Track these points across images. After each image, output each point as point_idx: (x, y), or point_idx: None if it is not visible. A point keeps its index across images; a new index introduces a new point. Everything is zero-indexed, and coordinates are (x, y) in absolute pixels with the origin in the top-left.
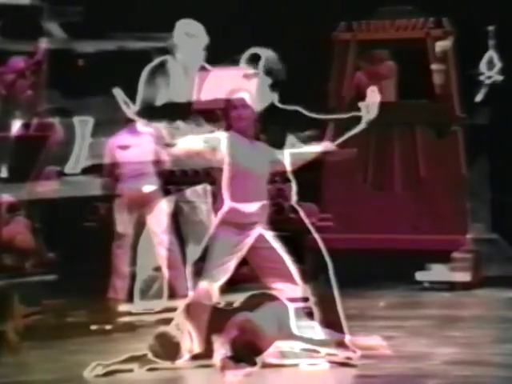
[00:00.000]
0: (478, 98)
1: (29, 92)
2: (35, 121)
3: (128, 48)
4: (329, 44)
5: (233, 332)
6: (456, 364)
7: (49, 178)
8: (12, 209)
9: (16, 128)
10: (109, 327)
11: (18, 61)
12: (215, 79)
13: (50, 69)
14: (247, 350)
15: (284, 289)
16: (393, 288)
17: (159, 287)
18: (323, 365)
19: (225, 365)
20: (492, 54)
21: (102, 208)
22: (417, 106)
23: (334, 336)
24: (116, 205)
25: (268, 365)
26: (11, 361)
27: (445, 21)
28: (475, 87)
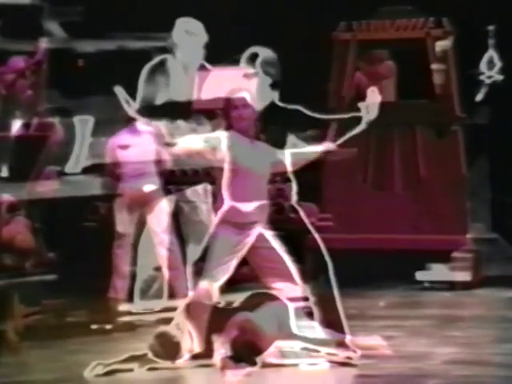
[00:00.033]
0: (478, 98)
1: (29, 92)
2: (35, 121)
3: (128, 48)
4: (329, 44)
5: (233, 332)
6: (456, 364)
7: (49, 178)
8: (12, 209)
9: (16, 128)
10: (109, 327)
11: (18, 61)
12: (215, 79)
13: (50, 69)
14: (247, 350)
15: (284, 288)
16: (393, 288)
17: (159, 287)
18: (323, 365)
19: (225, 365)
20: (492, 54)
21: (102, 208)
22: (417, 106)
23: (334, 336)
24: (117, 204)
25: (268, 365)
26: (11, 361)
27: (445, 21)
28: (475, 87)
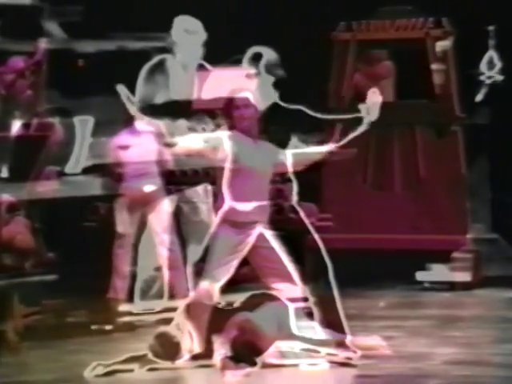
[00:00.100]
0: (478, 98)
1: (28, 92)
2: (35, 121)
3: (128, 48)
4: (328, 44)
5: (233, 332)
6: (456, 364)
7: (49, 178)
8: (12, 209)
9: (16, 128)
10: (109, 327)
11: (18, 61)
12: (216, 79)
13: (50, 69)
14: (247, 350)
15: (284, 289)
16: (393, 288)
17: (160, 287)
18: (323, 365)
19: (225, 365)
20: (492, 54)
21: (102, 208)
22: (417, 106)
23: (334, 336)
24: (118, 204)
25: (268, 365)
26: (11, 361)
27: (445, 21)
28: (475, 87)
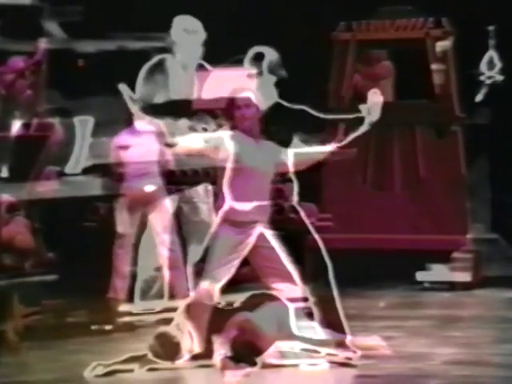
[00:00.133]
0: (478, 98)
1: (28, 92)
2: (35, 121)
3: (128, 48)
4: (328, 44)
5: (233, 332)
6: (456, 364)
7: (49, 178)
8: (12, 209)
9: (16, 128)
10: (109, 327)
11: (18, 61)
12: (216, 79)
13: (50, 69)
14: (247, 350)
15: (284, 289)
16: (393, 288)
17: (160, 287)
18: (323, 365)
19: (225, 365)
20: (492, 54)
21: (102, 208)
22: (416, 106)
23: (334, 336)
24: (119, 204)
25: (268, 365)
26: (11, 361)
27: (445, 21)
28: (475, 87)
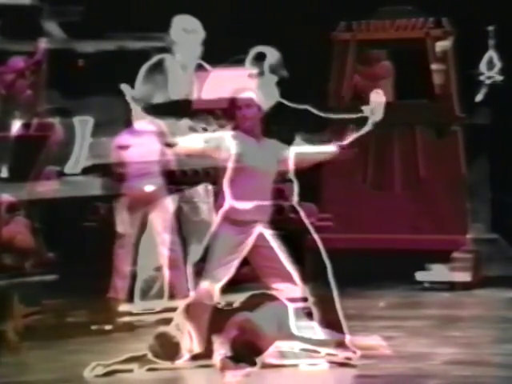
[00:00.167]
0: (478, 98)
1: (28, 92)
2: (35, 121)
3: (128, 48)
4: (329, 44)
5: (233, 332)
6: (456, 364)
7: (49, 178)
8: (12, 209)
9: (16, 128)
10: (109, 327)
11: (18, 61)
12: (215, 80)
13: (50, 69)
14: (247, 350)
15: (284, 289)
16: (393, 288)
17: (160, 287)
18: (323, 365)
19: (225, 365)
20: (492, 54)
21: (102, 208)
22: (417, 106)
23: (334, 336)
24: (119, 204)
25: (268, 365)
26: (11, 361)
27: (445, 21)
28: (475, 87)
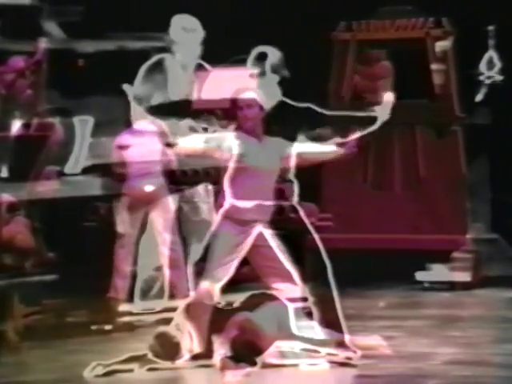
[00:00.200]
0: (478, 98)
1: (28, 92)
2: (35, 121)
3: (128, 48)
4: (328, 44)
5: (233, 332)
6: (456, 364)
7: (49, 178)
8: (12, 209)
9: (16, 128)
10: (109, 327)
11: (18, 60)
12: (215, 79)
13: (50, 69)
14: (247, 350)
15: (284, 289)
16: (393, 288)
17: (160, 287)
18: (323, 365)
19: (225, 365)
20: (492, 54)
21: (102, 208)
22: (417, 106)
23: (334, 336)
24: (120, 204)
25: (268, 365)
26: (11, 361)
27: (445, 21)
28: (475, 87)
